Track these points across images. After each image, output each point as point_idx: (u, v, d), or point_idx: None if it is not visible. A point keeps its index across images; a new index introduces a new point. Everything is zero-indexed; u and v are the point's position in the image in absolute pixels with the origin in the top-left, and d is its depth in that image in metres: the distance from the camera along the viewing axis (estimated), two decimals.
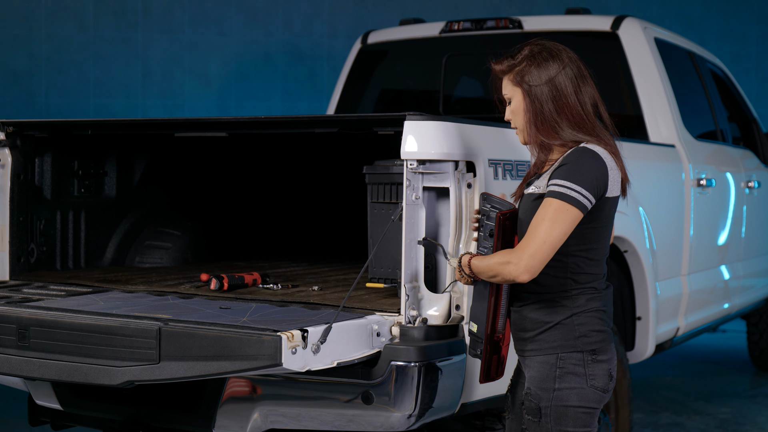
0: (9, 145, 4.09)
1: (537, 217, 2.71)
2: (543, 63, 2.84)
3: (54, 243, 4.32)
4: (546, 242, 2.67)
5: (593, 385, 2.80)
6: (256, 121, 3.74)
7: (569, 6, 6.10)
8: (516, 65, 2.89)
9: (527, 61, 2.87)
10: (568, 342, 2.80)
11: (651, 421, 6.26)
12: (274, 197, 5.51)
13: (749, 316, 7.62)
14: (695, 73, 6.15)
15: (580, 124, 2.82)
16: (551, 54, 2.86)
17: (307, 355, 2.86)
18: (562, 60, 2.84)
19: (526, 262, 2.67)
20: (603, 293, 2.86)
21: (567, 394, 2.79)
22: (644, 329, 4.83)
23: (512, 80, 2.90)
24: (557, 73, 2.82)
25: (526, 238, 2.71)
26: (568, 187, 2.70)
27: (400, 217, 3.20)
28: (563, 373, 2.79)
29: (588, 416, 2.81)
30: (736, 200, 6.16)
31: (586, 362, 2.79)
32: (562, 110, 2.82)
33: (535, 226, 2.70)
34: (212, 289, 3.80)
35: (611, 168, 2.76)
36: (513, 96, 2.90)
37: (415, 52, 6.20)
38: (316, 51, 10.90)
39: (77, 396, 3.78)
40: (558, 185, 2.71)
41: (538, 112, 2.84)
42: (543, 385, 2.81)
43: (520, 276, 2.69)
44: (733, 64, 10.21)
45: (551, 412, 2.80)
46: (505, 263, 2.71)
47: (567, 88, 2.82)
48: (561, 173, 2.74)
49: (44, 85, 10.48)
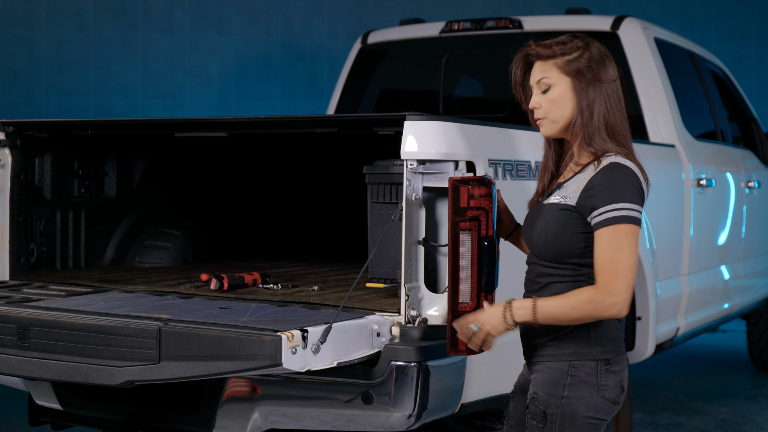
0: (9, 145, 4.09)
1: (611, 246, 2.62)
2: (601, 61, 2.76)
3: (54, 243, 4.32)
4: (632, 269, 2.62)
5: (604, 396, 2.72)
6: (256, 121, 3.74)
7: (569, 6, 6.10)
8: (567, 53, 2.76)
9: (584, 52, 2.75)
10: (583, 350, 2.73)
11: (651, 421, 6.26)
12: (274, 197, 5.51)
13: (749, 316, 7.62)
14: (695, 73, 6.16)
15: (618, 133, 2.76)
16: (607, 55, 2.78)
17: (307, 355, 2.86)
18: (614, 63, 2.77)
19: (626, 296, 2.61)
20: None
21: (576, 403, 2.71)
22: (644, 329, 4.83)
23: (561, 67, 2.76)
24: (614, 76, 2.76)
25: (612, 270, 2.62)
26: (625, 208, 2.64)
27: (400, 217, 3.20)
28: (575, 381, 2.72)
29: (594, 427, 2.73)
30: (736, 200, 6.17)
31: (599, 372, 2.72)
32: (610, 115, 2.75)
33: (615, 256, 2.62)
34: (212, 289, 3.80)
35: (642, 180, 2.72)
36: (556, 84, 2.77)
37: (415, 52, 6.20)
38: (316, 51, 10.90)
39: (77, 396, 3.78)
40: (615, 209, 2.64)
41: (585, 109, 2.75)
42: (552, 391, 2.74)
43: (622, 312, 2.63)
44: (733, 64, 10.21)
45: (557, 420, 2.72)
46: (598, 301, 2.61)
47: (617, 93, 2.76)
48: (608, 196, 2.65)
49: (44, 85, 10.48)
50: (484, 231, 2.86)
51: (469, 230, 2.86)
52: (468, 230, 2.85)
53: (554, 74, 2.77)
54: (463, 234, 2.85)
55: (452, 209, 2.85)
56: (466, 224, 2.85)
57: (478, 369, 3.32)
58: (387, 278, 3.53)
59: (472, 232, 2.85)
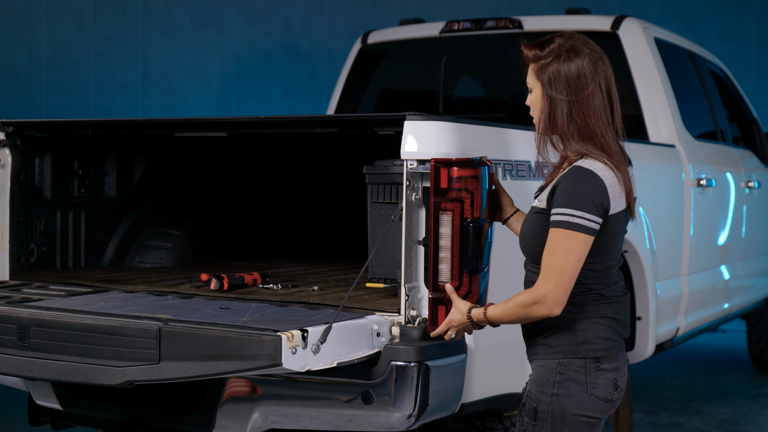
0: (9, 145, 4.09)
1: (549, 249, 2.66)
2: (566, 63, 2.74)
3: (54, 243, 4.32)
4: (564, 273, 2.64)
5: (594, 394, 2.74)
6: (256, 121, 3.74)
7: (569, 6, 6.10)
8: (542, 57, 2.77)
9: (554, 56, 2.75)
10: (570, 347, 2.75)
11: (651, 421, 6.26)
12: (274, 197, 5.51)
13: (749, 316, 7.62)
14: (695, 73, 6.16)
15: (591, 135, 2.74)
16: (577, 53, 2.74)
17: (307, 355, 2.86)
18: (587, 61, 2.74)
19: (554, 298, 2.65)
20: (614, 301, 2.79)
21: (565, 401, 2.74)
22: (644, 329, 4.83)
23: (535, 72, 2.79)
24: (579, 76, 2.73)
25: (544, 272, 2.67)
26: (571, 215, 2.64)
27: (400, 217, 3.20)
28: (563, 379, 2.75)
29: (588, 426, 2.75)
30: (736, 200, 6.17)
31: (588, 370, 2.74)
32: (576, 118, 2.74)
33: (549, 259, 2.66)
34: (212, 289, 3.80)
35: (610, 185, 2.68)
36: (534, 87, 2.81)
37: (415, 52, 6.20)
38: (316, 51, 10.91)
39: (77, 396, 3.78)
40: (561, 214, 2.66)
41: (551, 114, 2.76)
42: (542, 389, 2.77)
43: (553, 311, 2.67)
44: (733, 64, 10.20)
45: (548, 417, 2.75)
46: (530, 305, 2.68)
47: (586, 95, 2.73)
48: (560, 199, 2.68)
49: (44, 85, 10.48)
50: (468, 212, 2.91)
51: (450, 211, 2.91)
52: (449, 211, 2.91)
53: (532, 78, 2.82)
54: (444, 215, 2.94)
55: (433, 190, 2.90)
56: (447, 205, 2.91)
57: (478, 369, 3.32)
58: (387, 278, 3.53)
59: (453, 213, 2.91)
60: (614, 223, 2.74)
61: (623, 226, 2.79)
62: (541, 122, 2.79)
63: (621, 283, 2.85)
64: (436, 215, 2.96)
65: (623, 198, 2.73)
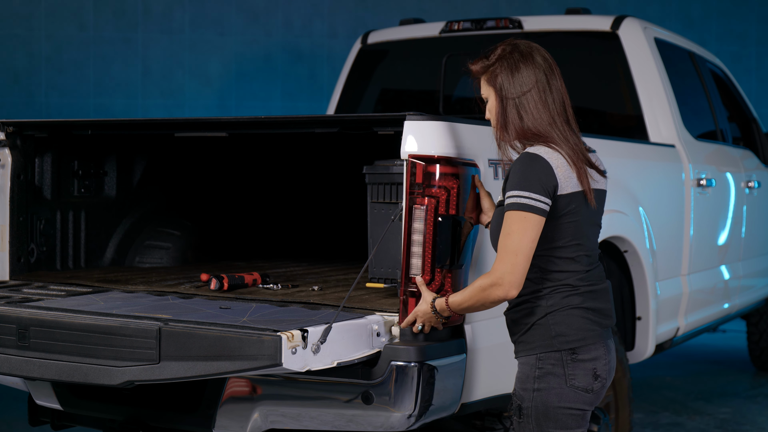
0: (9, 145, 4.09)
1: (503, 231, 2.74)
2: (514, 64, 2.85)
3: (54, 243, 4.32)
4: (519, 253, 2.70)
5: (573, 385, 2.78)
6: (256, 121, 3.74)
7: (569, 6, 6.10)
8: (490, 65, 2.90)
9: (500, 61, 2.88)
10: (545, 342, 2.81)
11: (651, 421, 6.26)
12: (274, 197, 5.51)
13: (749, 316, 7.62)
14: (695, 73, 6.15)
15: (541, 131, 2.82)
16: (522, 55, 2.87)
17: (307, 355, 2.86)
18: (533, 61, 2.85)
19: (509, 279, 2.70)
20: (585, 291, 2.83)
21: (546, 395, 2.78)
22: (644, 329, 4.83)
23: (487, 80, 2.92)
24: (527, 75, 2.84)
25: (499, 254, 2.74)
26: (520, 196, 2.72)
27: (400, 217, 3.20)
28: (542, 373, 2.80)
29: (573, 418, 2.78)
30: (736, 200, 6.17)
31: (565, 362, 2.79)
32: (527, 115, 2.83)
33: (504, 242, 2.73)
34: (212, 289, 3.80)
35: (557, 166, 2.76)
36: (488, 95, 2.93)
37: (415, 52, 6.20)
38: (316, 51, 10.91)
39: (77, 396, 3.78)
40: (512, 196, 2.74)
41: (503, 114, 2.86)
42: (524, 385, 2.83)
43: (509, 293, 2.72)
44: (733, 64, 10.21)
45: (532, 413, 2.80)
46: (487, 288, 2.74)
47: (533, 92, 2.83)
48: (511, 184, 2.77)
49: (44, 85, 10.48)
50: (443, 209, 2.95)
51: (423, 206, 2.97)
52: (422, 206, 2.97)
53: (485, 88, 2.94)
54: (417, 209, 3.02)
55: (408, 184, 2.98)
56: (421, 200, 2.96)
57: (478, 369, 3.32)
58: (387, 278, 3.53)
59: (427, 208, 2.95)
60: (566, 203, 2.79)
61: (583, 210, 2.82)
62: (498, 125, 2.89)
63: (596, 271, 2.89)
64: (410, 209, 3.04)
65: (574, 179, 2.79)
